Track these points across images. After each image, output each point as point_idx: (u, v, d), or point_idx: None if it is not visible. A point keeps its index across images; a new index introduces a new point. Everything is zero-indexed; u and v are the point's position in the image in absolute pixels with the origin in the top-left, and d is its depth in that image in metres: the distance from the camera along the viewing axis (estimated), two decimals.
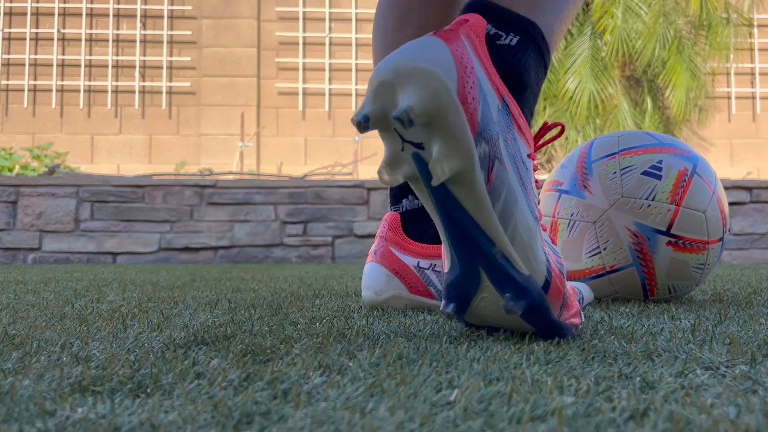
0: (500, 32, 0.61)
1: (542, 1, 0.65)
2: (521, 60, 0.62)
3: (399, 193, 0.91)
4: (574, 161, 1.02)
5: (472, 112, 0.54)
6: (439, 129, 0.53)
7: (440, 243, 0.86)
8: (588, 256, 0.97)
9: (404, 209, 0.89)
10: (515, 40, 0.62)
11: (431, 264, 0.86)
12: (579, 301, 0.76)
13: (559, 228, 1.00)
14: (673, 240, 0.94)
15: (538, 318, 0.56)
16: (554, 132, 0.65)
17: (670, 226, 0.94)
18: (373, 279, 0.86)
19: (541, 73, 0.63)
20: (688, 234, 0.95)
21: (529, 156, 0.59)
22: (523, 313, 0.56)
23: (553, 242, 0.70)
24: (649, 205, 0.94)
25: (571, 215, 0.98)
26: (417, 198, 0.88)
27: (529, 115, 0.62)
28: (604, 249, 0.96)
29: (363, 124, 0.54)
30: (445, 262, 0.60)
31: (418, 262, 0.86)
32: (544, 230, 0.61)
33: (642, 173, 0.96)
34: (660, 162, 0.97)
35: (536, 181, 0.61)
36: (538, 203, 0.60)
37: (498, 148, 0.56)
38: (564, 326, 0.58)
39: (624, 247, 0.95)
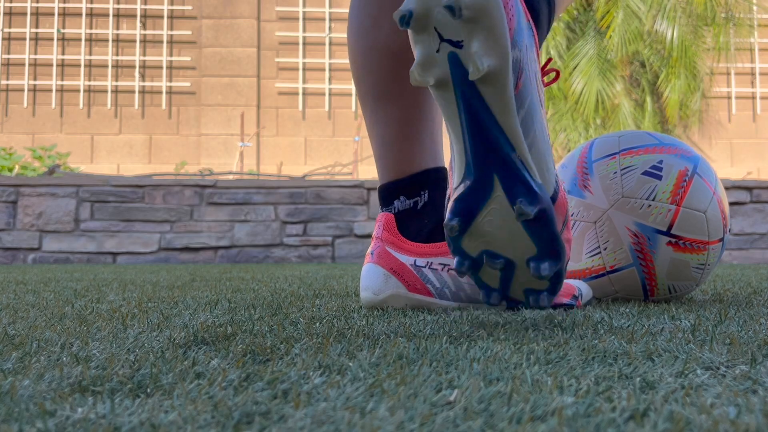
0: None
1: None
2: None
3: (388, 196, 0.90)
4: (574, 161, 1.02)
5: (511, 17, 0.58)
6: (482, 25, 0.56)
7: (436, 241, 0.86)
8: (588, 256, 0.97)
9: (397, 210, 0.89)
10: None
11: (428, 262, 0.86)
12: (578, 297, 0.79)
13: None
14: (673, 240, 0.94)
15: (544, 227, 0.59)
16: (550, 77, 0.68)
17: (670, 227, 0.94)
18: (370, 279, 0.86)
19: (546, 28, 0.66)
20: (688, 234, 0.95)
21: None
22: (533, 218, 0.59)
23: None
24: (650, 206, 0.94)
25: (572, 215, 0.98)
26: (408, 198, 0.89)
27: None
28: (605, 249, 0.96)
29: (406, 18, 0.57)
30: (454, 177, 0.62)
31: (415, 261, 0.86)
32: None
33: (642, 173, 0.96)
34: (660, 162, 0.97)
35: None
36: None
37: (525, 59, 0.60)
38: (562, 245, 0.61)
39: (624, 247, 0.95)
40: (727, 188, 3.58)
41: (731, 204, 3.61)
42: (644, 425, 0.31)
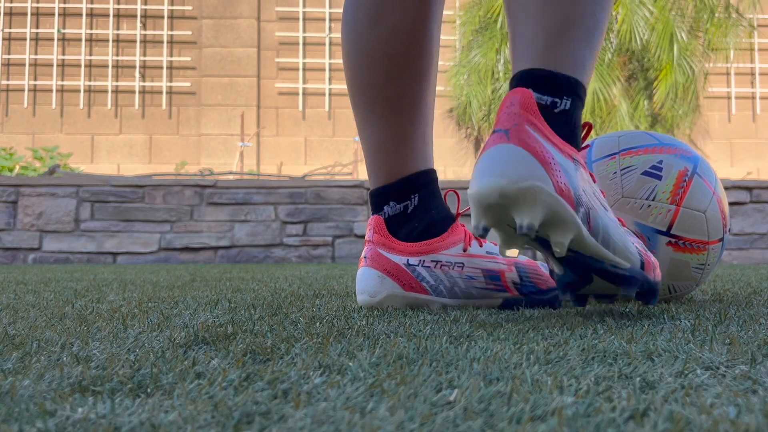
0: (555, 99, 0.69)
1: (585, 58, 0.74)
2: (576, 117, 0.71)
3: (379, 201, 0.90)
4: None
5: (567, 194, 0.65)
6: (552, 224, 0.65)
7: (427, 238, 0.87)
8: None
9: (387, 215, 0.89)
10: (568, 103, 0.70)
11: (420, 260, 0.87)
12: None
13: None
14: (673, 240, 0.94)
15: (647, 292, 0.72)
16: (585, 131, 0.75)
17: (670, 227, 0.94)
18: (365, 282, 0.87)
19: (581, 133, 0.73)
20: (688, 234, 0.95)
21: (595, 181, 0.73)
22: (636, 296, 0.72)
23: None
24: (650, 206, 0.94)
25: None
26: (398, 203, 0.89)
27: None
28: None
29: (485, 234, 0.68)
30: (554, 267, 0.72)
31: (408, 260, 0.86)
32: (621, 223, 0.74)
33: (642, 173, 0.96)
34: (660, 162, 0.97)
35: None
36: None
37: (588, 201, 0.68)
38: (656, 284, 0.74)
39: None
40: (727, 188, 3.58)
41: (731, 204, 3.61)
42: (644, 425, 0.31)
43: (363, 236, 3.60)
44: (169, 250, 3.58)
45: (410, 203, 0.89)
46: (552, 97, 0.69)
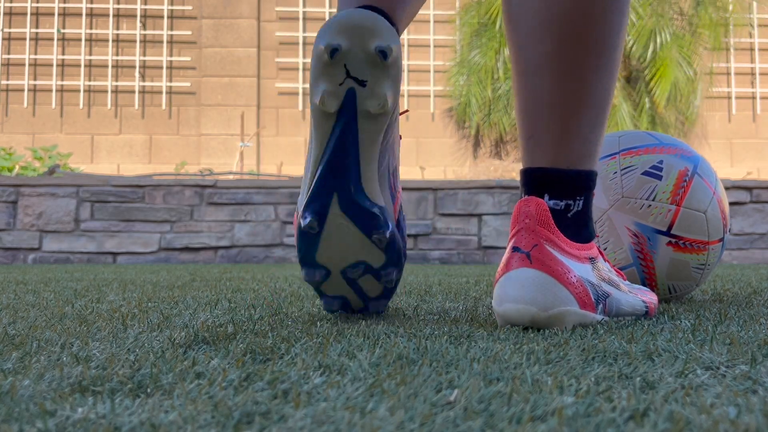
0: (569, 202, 0.70)
1: (597, 138, 0.73)
2: (589, 211, 0.72)
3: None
4: None
5: (590, 303, 0.68)
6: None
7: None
8: None
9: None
10: (581, 203, 0.71)
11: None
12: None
13: None
14: (673, 240, 0.94)
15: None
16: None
17: (670, 227, 0.94)
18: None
19: None
20: (688, 234, 0.95)
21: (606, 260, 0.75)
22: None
23: None
24: (650, 206, 0.94)
25: None
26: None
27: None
28: (605, 249, 0.96)
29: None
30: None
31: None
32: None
33: (642, 173, 0.96)
34: (660, 162, 0.97)
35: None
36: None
37: (605, 290, 0.71)
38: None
39: (624, 248, 0.95)
40: (727, 188, 3.58)
41: (731, 204, 3.61)
42: (644, 425, 0.31)
43: None
44: (169, 250, 3.58)
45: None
46: (566, 200, 0.70)
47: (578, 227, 0.71)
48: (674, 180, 0.95)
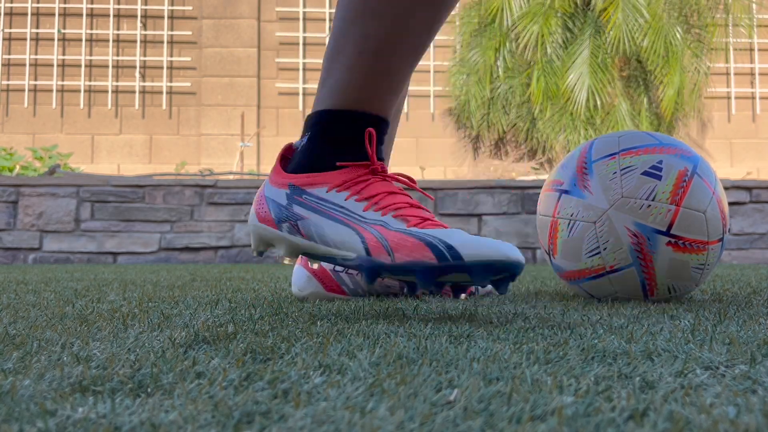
0: (302, 140, 0.83)
1: (332, 84, 0.83)
2: (312, 146, 0.81)
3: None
4: (574, 161, 1.02)
5: (267, 218, 0.83)
6: (270, 243, 0.84)
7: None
8: (588, 256, 0.97)
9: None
10: (305, 139, 0.82)
11: (343, 268, 1.00)
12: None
13: (560, 228, 1.00)
14: (673, 240, 0.94)
15: (373, 273, 0.74)
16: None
17: (670, 226, 0.94)
18: (297, 278, 1.04)
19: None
20: (688, 234, 0.95)
21: (330, 190, 0.79)
22: (367, 278, 0.74)
23: (554, 241, 0.92)
24: (649, 206, 0.94)
25: (572, 215, 0.98)
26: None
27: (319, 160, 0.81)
28: (604, 249, 0.96)
29: (260, 255, 0.88)
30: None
31: (334, 267, 0.99)
32: (405, 217, 0.75)
33: (642, 173, 0.96)
34: (660, 162, 0.97)
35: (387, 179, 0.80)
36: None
37: (295, 214, 0.80)
38: (406, 265, 0.72)
39: (624, 248, 0.95)
40: (726, 188, 3.58)
41: (731, 204, 3.61)
42: (644, 425, 0.31)
43: None
44: (169, 250, 3.58)
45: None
46: (301, 138, 0.83)
47: (296, 161, 0.82)
48: (674, 180, 0.95)
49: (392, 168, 4.80)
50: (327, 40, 0.96)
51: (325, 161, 0.79)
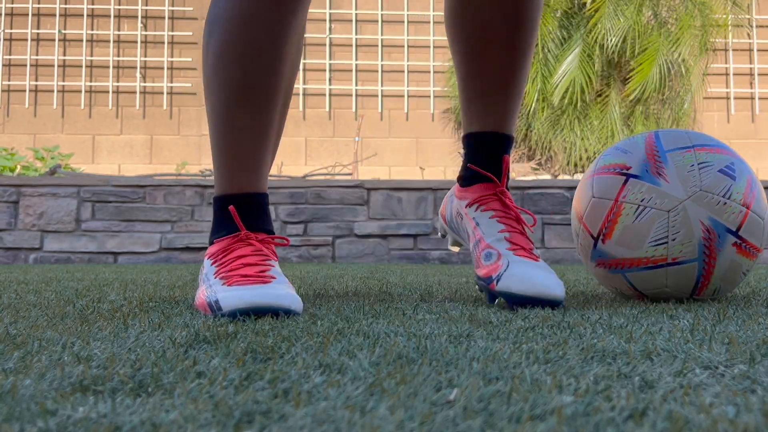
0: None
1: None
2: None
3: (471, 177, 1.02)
4: (640, 148, 0.99)
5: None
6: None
7: None
8: (652, 244, 0.94)
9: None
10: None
11: None
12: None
13: (624, 212, 0.95)
14: (738, 242, 0.94)
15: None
16: None
17: (739, 227, 0.94)
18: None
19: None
20: (750, 238, 0.95)
21: (209, 259, 0.94)
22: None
23: (611, 225, 0.97)
24: (725, 203, 0.94)
25: (642, 200, 0.95)
26: None
27: None
28: (673, 240, 0.93)
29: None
30: None
31: None
32: None
33: (718, 171, 0.96)
34: (732, 164, 0.97)
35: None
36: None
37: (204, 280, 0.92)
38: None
39: (693, 241, 0.93)
40: None
41: None
42: (643, 424, 0.31)
43: (363, 236, 3.60)
44: (170, 250, 3.58)
45: None
46: None
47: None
48: (745, 183, 0.96)
49: (393, 168, 4.76)
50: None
51: (212, 237, 0.95)
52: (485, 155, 1.01)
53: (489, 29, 1.00)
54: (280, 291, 0.80)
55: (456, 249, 1.10)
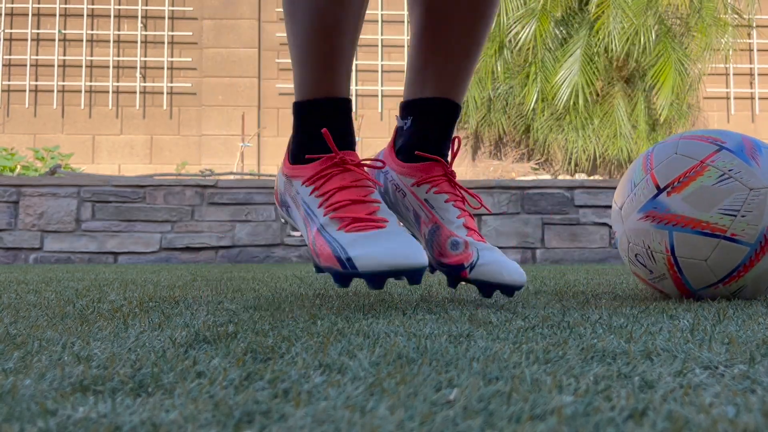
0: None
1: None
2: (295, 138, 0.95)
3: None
4: (737, 136, 1.00)
5: (276, 197, 0.99)
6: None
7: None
8: (721, 212, 0.94)
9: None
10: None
11: None
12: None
13: (706, 173, 0.95)
14: None
15: (316, 268, 0.89)
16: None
17: None
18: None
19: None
20: None
21: (303, 183, 0.89)
22: (315, 269, 0.90)
23: (687, 181, 0.95)
24: None
25: (730, 170, 0.95)
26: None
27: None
28: (743, 216, 0.93)
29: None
30: None
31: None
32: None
33: None
34: None
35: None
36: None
37: (286, 204, 0.94)
38: (326, 269, 0.82)
39: (759, 226, 0.93)
40: None
41: None
42: (643, 424, 0.31)
43: None
44: (170, 250, 3.58)
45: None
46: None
47: (289, 151, 0.94)
48: None
49: None
50: None
51: (301, 153, 0.90)
52: (438, 124, 0.98)
53: None
54: (406, 241, 0.78)
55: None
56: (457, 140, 0.99)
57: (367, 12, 5.46)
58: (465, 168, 5.42)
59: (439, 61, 0.98)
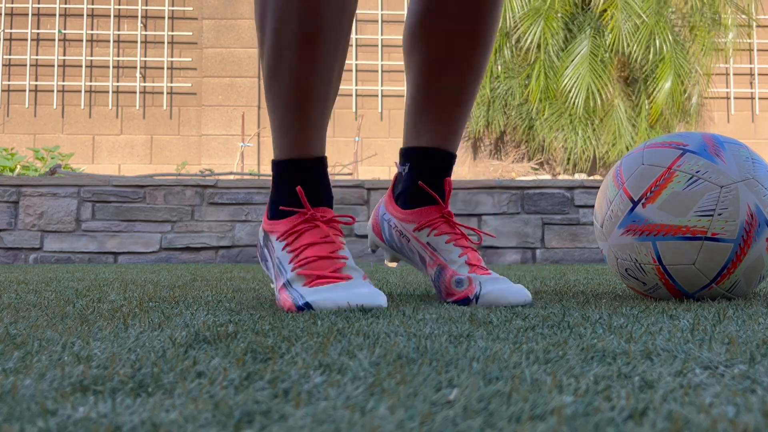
0: None
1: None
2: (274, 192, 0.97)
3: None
4: (697, 137, 1.01)
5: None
6: None
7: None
8: (697, 214, 0.94)
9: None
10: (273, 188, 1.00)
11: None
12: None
13: (675, 179, 0.96)
14: None
15: None
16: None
17: None
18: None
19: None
20: None
21: (278, 239, 0.92)
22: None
23: (658, 190, 0.95)
24: None
25: (697, 172, 0.96)
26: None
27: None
28: (719, 214, 0.94)
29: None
30: None
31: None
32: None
33: (765, 169, 0.99)
34: None
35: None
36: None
37: (265, 258, 0.97)
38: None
39: (737, 221, 0.94)
40: None
41: None
42: (643, 424, 0.31)
43: (363, 236, 3.60)
44: (170, 250, 3.58)
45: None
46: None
47: (268, 207, 0.96)
48: None
49: (394, 168, 4.76)
50: None
51: (277, 209, 0.93)
52: (432, 173, 1.04)
53: (451, 44, 1.03)
54: (367, 290, 0.84)
55: (394, 264, 1.13)
56: (447, 182, 1.05)
57: (367, 12, 5.45)
58: (465, 168, 5.42)
59: (433, 110, 1.05)
